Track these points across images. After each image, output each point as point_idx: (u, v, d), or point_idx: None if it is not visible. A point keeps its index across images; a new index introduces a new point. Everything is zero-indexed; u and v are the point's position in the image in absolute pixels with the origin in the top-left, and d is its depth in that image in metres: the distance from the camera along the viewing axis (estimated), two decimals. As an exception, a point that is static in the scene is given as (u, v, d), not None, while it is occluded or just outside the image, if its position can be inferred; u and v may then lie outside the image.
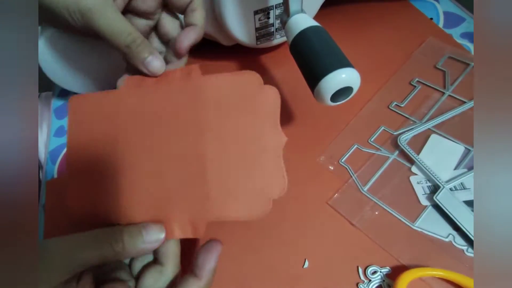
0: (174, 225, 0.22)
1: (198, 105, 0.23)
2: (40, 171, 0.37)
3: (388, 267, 0.26)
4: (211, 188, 0.21)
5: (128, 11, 0.27)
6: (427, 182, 0.30)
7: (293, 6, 0.29)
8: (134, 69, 0.26)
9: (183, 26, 0.28)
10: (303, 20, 0.29)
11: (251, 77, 0.22)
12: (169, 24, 0.28)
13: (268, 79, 0.39)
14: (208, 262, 0.21)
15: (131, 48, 0.24)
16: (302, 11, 0.30)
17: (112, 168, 0.23)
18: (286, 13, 0.30)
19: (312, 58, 0.27)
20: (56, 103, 0.41)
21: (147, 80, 0.25)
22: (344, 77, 0.25)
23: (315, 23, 0.28)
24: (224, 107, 0.22)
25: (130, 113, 0.24)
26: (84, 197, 0.23)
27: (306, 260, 0.27)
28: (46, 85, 0.39)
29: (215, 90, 0.23)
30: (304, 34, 0.28)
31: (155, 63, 0.25)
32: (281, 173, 0.21)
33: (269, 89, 0.22)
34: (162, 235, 0.21)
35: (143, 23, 0.28)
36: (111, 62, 0.34)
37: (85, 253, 0.19)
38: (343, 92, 0.26)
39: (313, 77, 0.26)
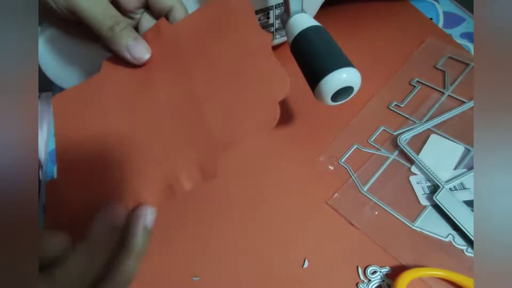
0: (181, 177, 0.20)
1: (177, 53, 0.22)
2: (40, 171, 0.37)
3: (387, 267, 0.26)
4: (212, 121, 0.20)
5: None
6: (427, 182, 0.30)
7: (293, 5, 0.29)
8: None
9: None
10: (303, 19, 0.29)
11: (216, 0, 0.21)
12: (149, 25, 0.26)
13: (268, 79, 0.39)
14: (95, 222, 0.19)
15: (114, 31, 0.23)
16: (302, 10, 0.30)
17: (109, 147, 0.22)
18: (286, 12, 0.30)
19: (313, 57, 0.27)
20: (56, 103, 0.41)
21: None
22: (345, 76, 0.25)
23: (315, 23, 0.28)
24: (201, 41, 0.22)
25: (114, 90, 0.23)
26: (83, 187, 0.22)
27: (306, 260, 0.27)
28: (46, 85, 0.39)
29: (188, 32, 0.22)
30: (305, 33, 0.28)
31: (140, 47, 0.23)
32: (277, 69, 0.19)
33: None
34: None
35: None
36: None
37: None
38: (344, 91, 0.26)
39: (314, 77, 0.26)
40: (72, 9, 0.23)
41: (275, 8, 0.35)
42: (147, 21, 0.27)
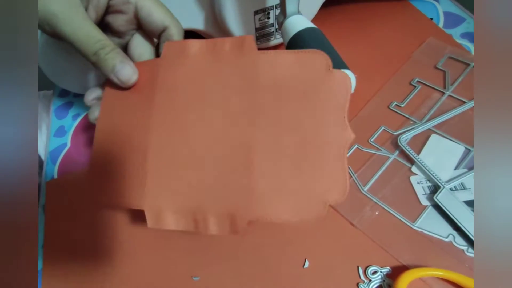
0: (209, 219, 0.19)
1: (252, 86, 0.19)
2: (40, 172, 0.37)
3: (388, 267, 0.26)
4: (257, 182, 0.18)
5: (102, 25, 0.26)
6: (427, 182, 0.29)
7: (289, 7, 0.29)
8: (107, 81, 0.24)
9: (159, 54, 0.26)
10: (299, 21, 0.29)
11: (318, 58, 0.19)
12: (140, 46, 0.26)
13: (268, 79, 0.39)
14: None
15: (99, 56, 0.22)
16: (298, 12, 0.30)
17: (141, 153, 0.21)
18: (282, 14, 0.30)
19: None
20: (56, 103, 0.41)
21: (191, 47, 0.22)
22: None
23: (311, 25, 0.28)
24: (282, 91, 0.19)
25: (169, 89, 0.21)
26: (109, 188, 0.21)
27: (306, 260, 0.27)
28: (46, 85, 0.39)
29: (273, 70, 0.19)
30: (300, 35, 0.28)
31: (126, 71, 0.23)
32: (343, 175, 0.18)
33: (338, 73, 0.18)
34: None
35: (114, 41, 0.26)
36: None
37: None
38: None
39: None
40: (57, 33, 0.22)
41: (275, 8, 0.35)
42: (139, 44, 0.26)
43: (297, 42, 0.28)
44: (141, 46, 0.26)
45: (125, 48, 0.27)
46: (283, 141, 0.18)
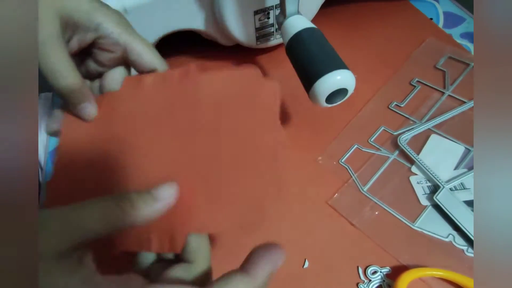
0: (152, 236, 0.19)
1: (195, 104, 0.21)
2: (40, 172, 0.37)
3: (388, 267, 0.26)
4: (198, 194, 0.19)
5: (84, 52, 0.26)
6: (427, 182, 0.30)
7: (289, 7, 0.29)
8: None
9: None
10: (299, 21, 0.29)
11: (250, 72, 0.21)
12: (117, 74, 0.27)
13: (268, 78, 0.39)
14: (265, 261, 0.17)
15: (65, 93, 0.23)
16: (298, 12, 0.30)
17: (102, 169, 0.22)
18: (282, 14, 0.30)
19: (307, 59, 0.27)
20: (56, 103, 0.41)
21: (145, 80, 0.24)
22: (339, 78, 0.25)
23: (311, 25, 0.28)
24: (221, 105, 0.21)
25: (125, 115, 0.23)
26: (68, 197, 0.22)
27: (306, 260, 0.27)
28: (46, 85, 0.39)
29: (212, 88, 0.21)
30: (300, 35, 0.28)
31: (88, 111, 0.24)
32: (277, 178, 0.18)
33: (268, 83, 0.20)
34: (173, 190, 0.19)
35: (91, 66, 0.27)
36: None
37: (88, 217, 0.16)
38: (338, 93, 0.26)
39: (308, 78, 0.26)
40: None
41: (275, 8, 0.35)
42: (116, 71, 0.26)
43: (296, 42, 0.28)
44: (118, 74, 0.27)
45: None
46: (221, 152, 0.19)
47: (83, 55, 0.26)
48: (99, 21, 0.24)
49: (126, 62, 0.26)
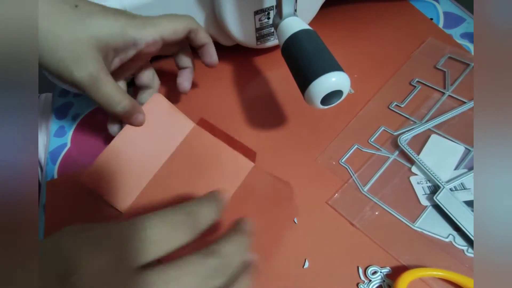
0: None
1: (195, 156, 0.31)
2: (40, 172, 0.37)
3: (388, 267, 0.26)
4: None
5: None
6: (427, 182, 0.29)
7: (285, 9, 0.29)
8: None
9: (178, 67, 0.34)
10: (295, 23, 0.29)
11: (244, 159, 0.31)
12: (147, 78, 0.33)
13: (268, 78, 0.40)
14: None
15: (120, 114, 0.28)
16: (294, 14, 0.30)
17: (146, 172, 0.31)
18: (278, 15, 0.30)
19: (302, 61, 0.27)
20: (56, 103, 0.41)
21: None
22: (334, 80, 0.25)
23: (306, 27, 0.28)
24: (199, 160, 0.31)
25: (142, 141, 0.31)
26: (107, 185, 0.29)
27: (306, 260, 0.27)
28: (46, 85, 0.39)
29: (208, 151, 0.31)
30: (295, 37, 0.28)
31: (139, 119, 0.29)
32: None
33: (230, 153, 0.31)
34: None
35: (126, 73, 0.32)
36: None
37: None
38: (333, 95, 0.26)
39: (303, 80, 0.26)
40: (84, 94, 0.26)
41: (276, 8, 0.35)
42: (148, 74, 0.33)
43: (292, 44, 0.28)
44: (148, 78, 0.33)
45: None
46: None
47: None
48: (134, 37, 0.27)
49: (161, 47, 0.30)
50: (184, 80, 0.34)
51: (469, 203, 0.27)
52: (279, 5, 0.29)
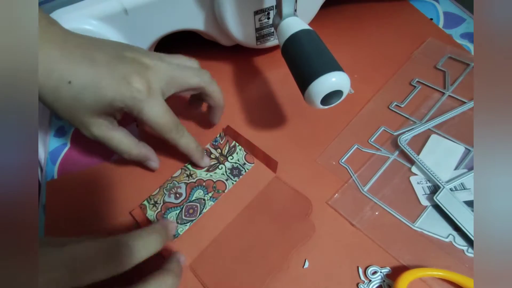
0: None
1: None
2: (40, 172, 0.37)
3: (388, 267, 0.26)
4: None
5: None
6: (427, 182, 0.30)
7: (285, 9, 0.29)
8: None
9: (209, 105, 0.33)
10: (295, 23, 0.29)
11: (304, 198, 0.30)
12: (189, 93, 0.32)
13: (268, 79, 0.40)
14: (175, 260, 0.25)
15: (135, 159, 0.30)
16: (294, 14, 0.30)
17: None
18: (278, 15, 0.30)
19: (302, 61, 0.26)
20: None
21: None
22: (334, 80, 0.25)
23: (306, 27, 0.28)
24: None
25: None
26: None
27: (306, 260, 0.27)
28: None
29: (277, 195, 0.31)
30: (295, 37, 0.28)
31: (153, 166, 0.32)
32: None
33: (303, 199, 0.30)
34: None
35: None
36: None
37: None
38: (333, 95, 0.26)
39: (303, 80, 0.26)
40: (136, 118, 0.27)
41: (276, 8, 0.35)
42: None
43: (292, 44, 0.28)
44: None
45: None
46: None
47: None
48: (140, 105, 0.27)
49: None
50: (214, 118, 0.34)
51: (469, 203, 0.27)
52: (279, 5, 0.29)
